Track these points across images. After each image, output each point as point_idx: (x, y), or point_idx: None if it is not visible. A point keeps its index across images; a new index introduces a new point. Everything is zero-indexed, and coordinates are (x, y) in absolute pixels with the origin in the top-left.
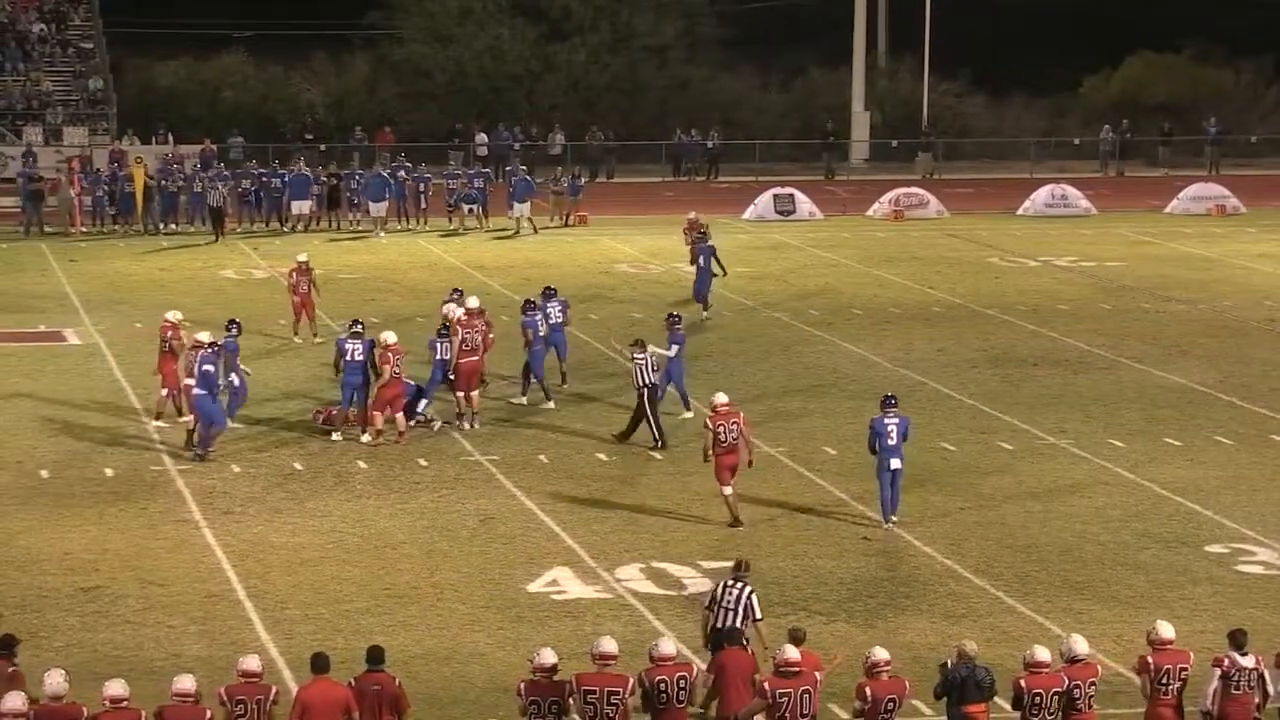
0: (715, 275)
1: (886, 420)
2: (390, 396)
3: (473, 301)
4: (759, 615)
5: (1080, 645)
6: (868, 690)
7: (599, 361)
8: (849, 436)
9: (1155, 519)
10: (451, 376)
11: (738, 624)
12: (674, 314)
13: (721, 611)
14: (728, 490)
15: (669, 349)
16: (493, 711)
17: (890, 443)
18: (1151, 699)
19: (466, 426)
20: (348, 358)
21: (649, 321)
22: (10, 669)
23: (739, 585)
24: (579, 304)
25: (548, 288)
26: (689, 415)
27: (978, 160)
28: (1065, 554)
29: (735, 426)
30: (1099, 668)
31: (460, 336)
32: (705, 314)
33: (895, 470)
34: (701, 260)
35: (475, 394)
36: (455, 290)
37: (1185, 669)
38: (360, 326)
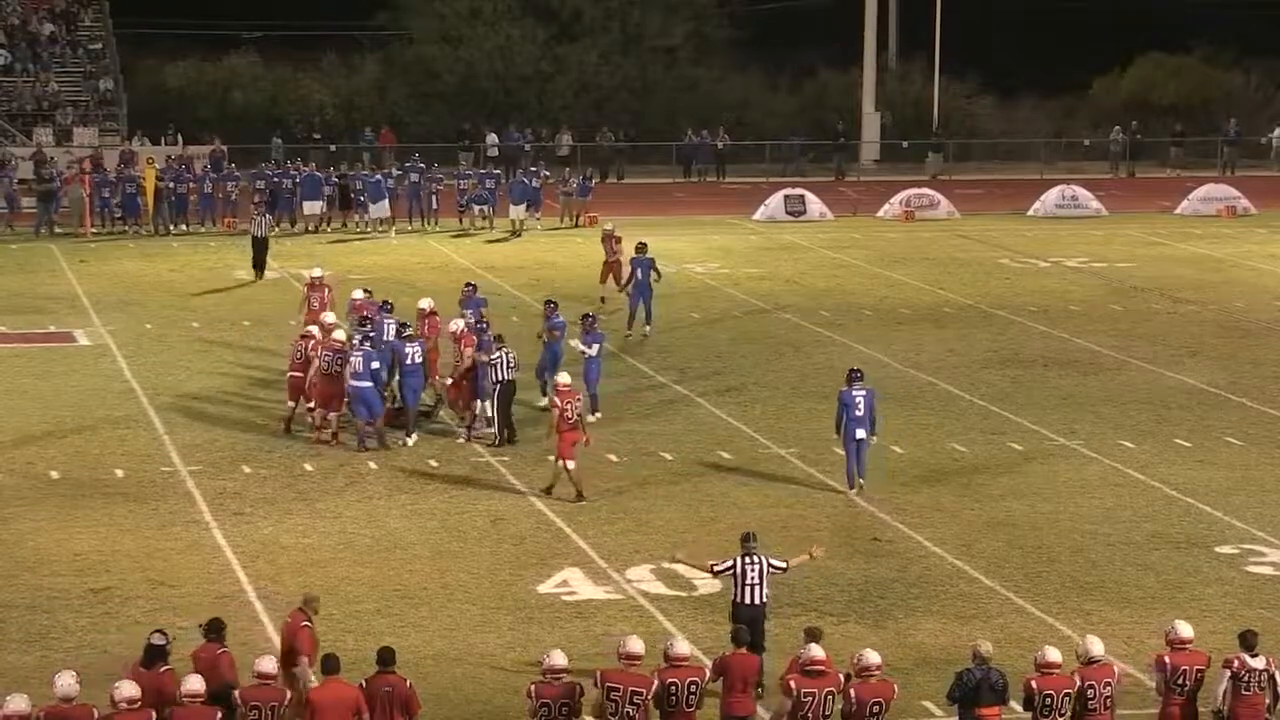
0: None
1: (854, 392)
2: (330, 393)
3: (426, 303)
4: (783, 564)
5: (1096, 646)
6: (853, 693)
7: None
8: None
9: (1165, 520)
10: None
11: (766, 595)
12: (590, 314)
13: (747, 589)
14: (571, 464)
15: (590, 348)
16: (503, 713)
17: (858, 413)
18: (1165, 699)
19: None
20: (407, 361)
21: (657, 323)
22: (219, 650)
23: (756, 558)
24: (588, 305)
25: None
26: (597, 416)
27: (988, 161)
28: (1076, 555)
29: (578, 404)
30: (1116, 669)
31: (474, 349)
32: (646, 329)
33: (860, 440)
34: (639, 274)
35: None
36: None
37: (1201, 670)
38: (410, 329)
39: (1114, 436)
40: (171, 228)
